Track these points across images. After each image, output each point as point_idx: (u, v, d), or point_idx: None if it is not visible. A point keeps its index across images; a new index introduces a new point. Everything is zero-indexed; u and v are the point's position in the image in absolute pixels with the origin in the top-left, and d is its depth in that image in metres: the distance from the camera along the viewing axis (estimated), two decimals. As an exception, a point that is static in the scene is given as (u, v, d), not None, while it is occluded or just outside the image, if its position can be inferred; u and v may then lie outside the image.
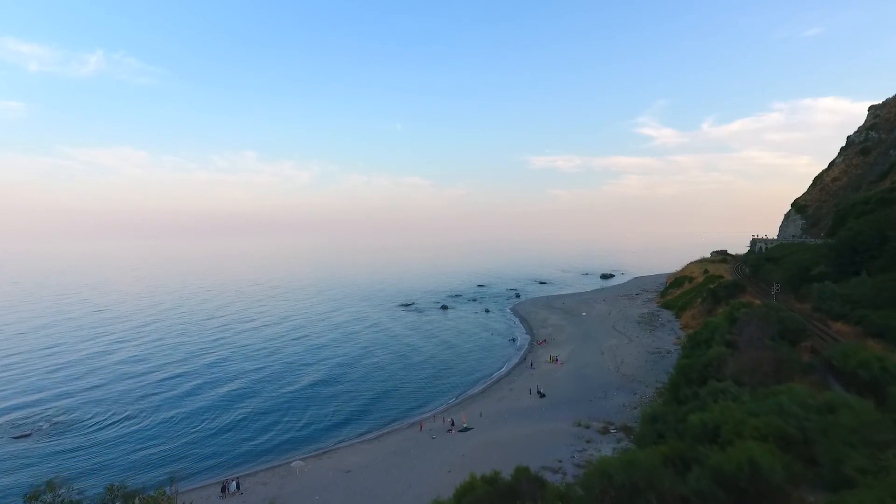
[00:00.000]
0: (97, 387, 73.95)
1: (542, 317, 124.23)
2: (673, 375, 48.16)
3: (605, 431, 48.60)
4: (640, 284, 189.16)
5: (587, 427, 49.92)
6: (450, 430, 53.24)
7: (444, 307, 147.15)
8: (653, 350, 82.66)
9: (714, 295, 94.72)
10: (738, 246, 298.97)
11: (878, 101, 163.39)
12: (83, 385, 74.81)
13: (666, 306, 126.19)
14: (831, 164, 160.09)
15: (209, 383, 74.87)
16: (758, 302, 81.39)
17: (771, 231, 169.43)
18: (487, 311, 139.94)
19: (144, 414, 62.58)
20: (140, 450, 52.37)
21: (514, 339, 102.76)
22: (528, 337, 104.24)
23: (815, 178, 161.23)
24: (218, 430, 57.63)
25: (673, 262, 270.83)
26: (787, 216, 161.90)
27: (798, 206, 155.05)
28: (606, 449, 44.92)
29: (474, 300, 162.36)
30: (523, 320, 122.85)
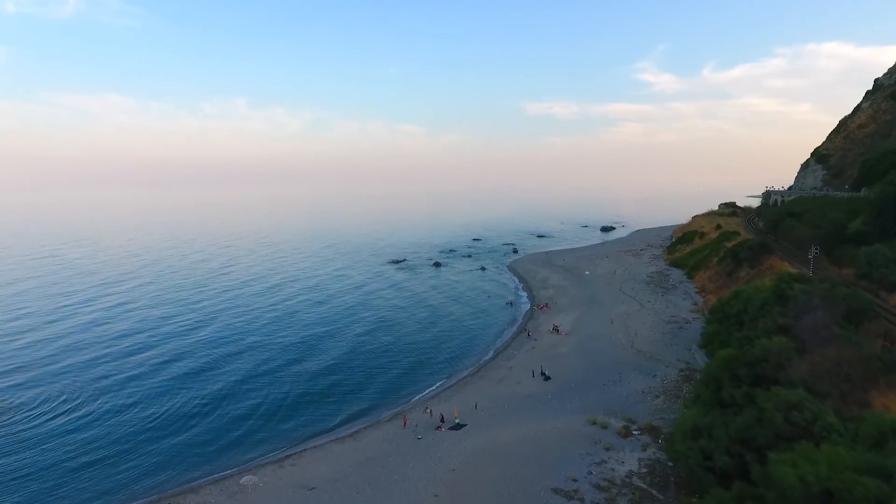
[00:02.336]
0: (49, 365, 63.86)
1: (542, 276, 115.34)
2: (712, 368, 39.05)
3: (626, 434, 40.14)
4: (642, 238, 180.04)
5: (604, 427, 41.42)
6: (439, 426, 44.69)
7: (438, 264, 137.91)
8: (668, 319, 74.07)
9: (735, 255, 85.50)
10: (737, 196, 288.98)
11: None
12: (30, 362, 64.92)
13: (675, 264, 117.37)
14: (856, 110, 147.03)
15: (181, 364, 64.47)
16: (789, 266, 72.06)
17: (777, 181, 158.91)
18: (483, 268, 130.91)
19: (92, 406, 52.32)
20: (72, 458, 42.27)
21: (511, 303, 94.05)
22: (527, 300, 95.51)
23: (838, 123, 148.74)
24: (176, 427, 48.20)
25: (675, 214, 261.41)
26: (804, 166, 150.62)
27: (819, 155, 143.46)
28: (631, 460, 36.56)
29: (469, 256, 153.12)
30: (522, 280, 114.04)
